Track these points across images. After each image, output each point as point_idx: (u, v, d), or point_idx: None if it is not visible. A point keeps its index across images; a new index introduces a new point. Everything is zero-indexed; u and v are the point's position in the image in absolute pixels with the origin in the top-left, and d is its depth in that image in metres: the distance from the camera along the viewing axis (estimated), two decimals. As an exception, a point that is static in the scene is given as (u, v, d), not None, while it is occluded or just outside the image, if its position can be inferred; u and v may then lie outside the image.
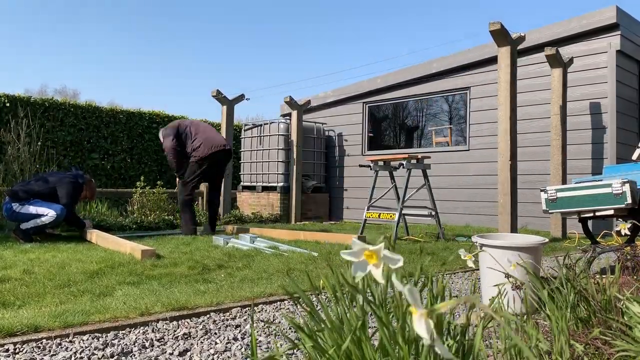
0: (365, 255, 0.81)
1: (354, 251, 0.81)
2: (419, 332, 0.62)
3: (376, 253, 0.80)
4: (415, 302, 0.64)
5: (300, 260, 3.63)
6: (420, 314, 0.63)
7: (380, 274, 0.80)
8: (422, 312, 0.63)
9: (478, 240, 2.29)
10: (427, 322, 0.63)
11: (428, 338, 0.62)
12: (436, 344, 0.63)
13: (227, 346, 1.81)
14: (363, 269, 0.81)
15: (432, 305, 0.97)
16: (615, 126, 6.07)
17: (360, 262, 0.81)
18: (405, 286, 0.65)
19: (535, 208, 6.33)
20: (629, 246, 2.97)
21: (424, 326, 0.62)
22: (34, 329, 1.87)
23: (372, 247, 0.80)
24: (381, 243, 0.81)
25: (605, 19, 6.08)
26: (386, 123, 9.08)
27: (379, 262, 0.80)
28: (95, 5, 74.98)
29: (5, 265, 3.28)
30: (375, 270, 0.80)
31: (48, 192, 4.94)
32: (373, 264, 0.80)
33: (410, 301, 0.64)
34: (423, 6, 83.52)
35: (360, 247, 0.81)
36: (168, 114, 10.26)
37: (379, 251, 0.80)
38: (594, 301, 1.49)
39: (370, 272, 0.81)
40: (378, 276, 0.80)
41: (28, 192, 4.89)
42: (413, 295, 0.64)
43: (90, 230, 5.06)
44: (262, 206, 8.56)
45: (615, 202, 3.00)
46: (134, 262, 3.47)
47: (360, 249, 0.81)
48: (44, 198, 4.90)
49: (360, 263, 0.81)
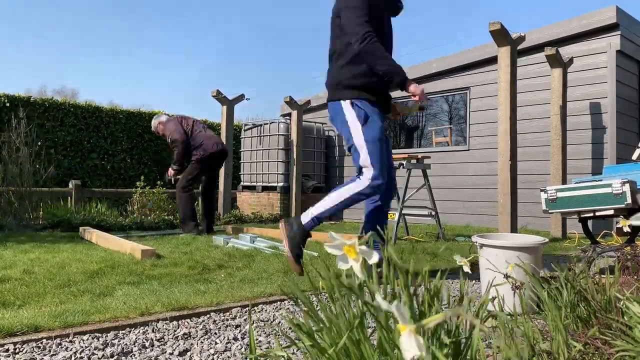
0: (345, 249, 0.85)
1: (335, 244, 0.85)
2: (409, 348, 0.62)
3: (353, 248, 0.84)
4: (402, 318, 0.64)
5: (300, 260, 3.62)
6: (409, 330, 0.63)
7: (359, 268, 0.84)
8: (411, 329, 0.63)
9: (478, 240, 2.29)
10: (417, 338, 0.63)
11: (419, 353, 0.62)
12: (428, 357, 0.62)
13: (227, 346, 1.82)
14: (345, 261, 0.85)
15: (429, 307, 0.97)
16: (615, 126, 6.07)
17: (342, 255, 0.85)
18: (393, 304, 0.65)
19: (535, 208, 6.33)
20: (629, 246, 2.97)
21: (414, 343, 0.63)
22: (34, 328, 1.87)
23: (349, 242, 0.84)
24: (354, 239, 0.85)
25: (605, 19, 6.08)
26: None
27: (358, 256, 0.84)
28: (96, 5, 74.99)
29: (5, 265, 3.28)
30: (355, 264, 0.84)
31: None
32: (353, 258, 0.84)
33: (398, 318, 0.64)
34: (423, 6, 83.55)
35: (340, 242, 0.85)
36: (168, 114, 10.27)
37: (354, 246, 0.84)
38: (594, 301, 1.50)
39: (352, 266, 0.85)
40: (357, 270, 0.84)
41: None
42: (401, 313, 0.64)
43: (91, 230, 5.07)
44: (262, 206, 8.56)
45: (615, 202, 3.00)
46: (134, 262, 3.47)
47: (339, 243, 0.85)
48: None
49: (343, 256, 0.85)
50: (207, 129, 5.67)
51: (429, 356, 0.62)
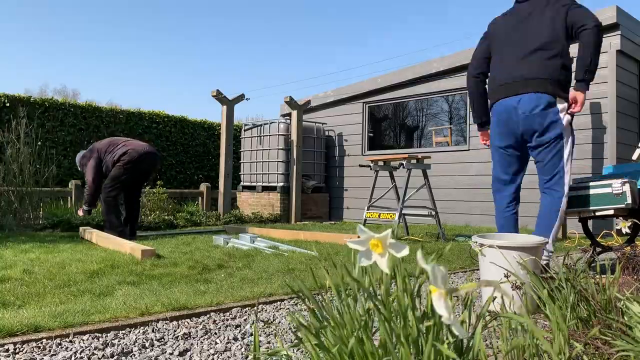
0: (371, 244, 0.81)
1: (360, 240, 0.82)
2: (438, 309, 0.62)
3: (382, 241, 0.80)
4: (435, 280, 0.64)
5: (300, 260, 3.63)
6: (440, 293, 0.64)
7: (385, 263, 0.80)
8: (442, 292, 0.64)
9: (478, 240, 2.29)
10: (447, 301, 0.63)
11: (446, 315, 0.62)
12: (453, 324, 0.63)
13: (227, 346, 1.81)
14: (368, 257, 0.82)
15: (432, 306, 0.97)
16: (615, 126, 6.07)
17: (366, 250, 0.82)
18: (429, 265, 0.65)
19: (535, 208, 6.32)
20: (629, 246, 2.97)
21: (443, 305, 0.63)
22: (34, 328, 1.87)
23: (379, 235, 0.80)
24: (388, 231, 0.81)
25: (606, 19, 6.08)
26: (386, 123, 9.08)
27: (385, 251, 0.80)
28: (96, 6, 74.98)
29: (5, 265, 3.28)
30: (380, 259, 0.81)
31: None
32: (379, 253, 0.80)
33: (431, 279, 0.64)
34: (423, 6, 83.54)
35: (367, 236, 0.82)
36: (168, 114, 10.27)
37: (384, 239, 0.80)
38: (594, 301, 1.49)
39: (375, 262, 0.82)
40: (383, 265, 0.80)
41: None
42: (435, 274, 0.64)
43: (91, 230, 5.06)
44: (262, 206, 8.56)
45: (615, 202, 3.00)
46: (134, 262, 3.47)
47: (367, 237, 0.82)
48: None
49: (366, 252, 0.82)
50: (137, 141, 5.36)
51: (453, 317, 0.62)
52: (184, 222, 6.83)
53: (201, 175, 11.06)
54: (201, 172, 11.05)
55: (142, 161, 5.13)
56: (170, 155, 10.23)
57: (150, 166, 5.31)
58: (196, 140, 10.88)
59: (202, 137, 11.06)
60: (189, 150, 10.61)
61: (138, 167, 5.12)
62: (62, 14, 73.97)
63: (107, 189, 5.06)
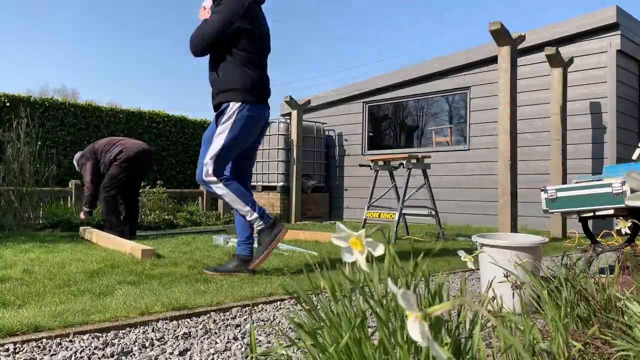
0: (351, 242, 0.85)
1: (341, 236, 0.85)
2: (413, 335, 0.62)
3: (359, 239, 0.84)
4: (408, 305, 0.64)
5: (300, 260, 3.63)
6: (415, 317, 0.63)
7: (364, 261, 0.84)
8: (417, 315, 0.63)
9: (478, 240, 2.29)
10: (422, 325, 0.63)
11: (422, 341, 0.62)
12: (431, 346, 0.62)
13: (227, 346, 1.82)
14: (350, 254, 0.85)
15: (429, 306, 0.97)
16: (615, 126, 6.07)
17: (348, 247, 0.85)
18: (399, 289, 0.65)
19: (535, 208, 6.33)
20: (629, 246, 2.97)
21: (417, 329, 0.62)
22: (34, 328, 1.87)
23: (356, 234, 0.84)
24: (361, 231, 0.85)
25: (606, 19, 6.08)
26: (386, 123, 9.08)
27: (364, 248, 0.84)
28: (96, 6, 74.98)
29: (5, 265, 3.28)
30: (360, 257, 0.84)
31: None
32: (358, 250, 0.84)
33: (403, 305, 0.64)
34: (423, 6, 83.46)
35: (346, 233, 0.85)
36: (168, 114, 10.27)
37: (361, 237, 0.84)
38: (594, 301, 1.50)
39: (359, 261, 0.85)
40: (362, 263, 0.84)
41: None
42: (407, 300, 0.64)
43: (91, 230, 5.06)
44: (262, 206, 8.56)
45: (615, 201, 3.00)
46: (134, 262, 3.47)
47: (346, 235, 0.85)
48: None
49: (348, 248, 0.85)
50: (134, 140, 5.39)
51: (433, 341, 0.62)
52: (184, 221, 6.83)
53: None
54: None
55: (139, 159, 5.15)
56: (170, 155, 10.23)
57: (147, 164, 5.33)
58: (196, 140, 10.89)
59: (202, 137, 11.05)
60: (189, 150, 10.61)
61: (134, 165, 5.14)
62: (62, 14, 73.94)
63: (106, 189, 5.06)
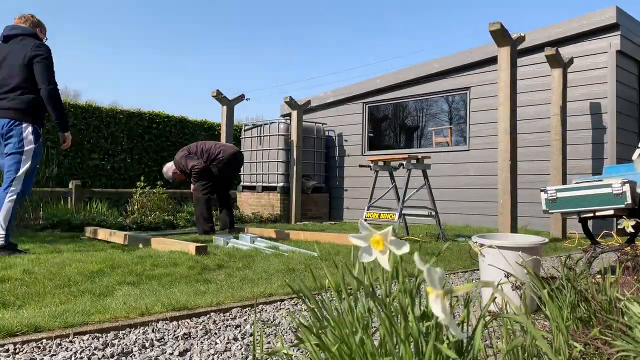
0: (372, 241, 0.81)
1: (361, 235, 0.81)
2: (434, 310, 0.63)
3: (383, 238, 0.80)
4: (432, 282, 0.64)
5: (300, 260, 3.63)
6: (436, 294, 0.64)
7: (386, 260, 0.80)
8: (439, 293, 0.64)
9: (478, 240, 2.29)
10: (443, 302, 0.63)
11: (442, 316, 0.62)
12: (450, 323, 0.63)
13: (227, 346, 1.81)
14: (369, 254, 0.81)
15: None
16: (615, 126, 6.07)
17: (367, 247, 0.81)
18: (425, 265, 0.65)
19: (535, 208, 6.33)
20: (629, 246, 2.97)
21: (439, 306, 0.63)
22: (34, 329, 1.87)
23: (380, 232, 0.80)
24: (389, 228, 0.81)
25: (606, 19, 6.08)
26: (386, 123, 9.08)
27: (385, 248, 0.80)
28: (96, 6, 75.00)
29: (5, 265, 3.28)
30: (381, 256, 0.80)
31: None
32: (379, 250, 0.80)
33: (427, 281, 0.64)
34: (423, 6, 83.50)
35: (368, 232, 0.81)
36: (168, 114, 10.26)
37: (386, 236, 0.80)
38: (594, 301, 1.49)
39: (377, 259, 0.82)
40: (384, 262, 0.80)
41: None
42: (431, 276, 0.64)
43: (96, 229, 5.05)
44: (262, 206, 8.56)
45: (615, 202, 3.00)
46: (134, 262, 3.47)
47: (368, 234, 0.81)
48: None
49: (367, 248, 0.81)
50: (219, 142, 5.99)
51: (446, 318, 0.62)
52: (184, 222, 6.83)
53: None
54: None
55: (233, 160, 5.66)
56: (171, 155, 10.21)
57: (239, 164, 5.90)
58: (196, 140, 10.88)
59: (202, 137, 11.05)
60: (189, 151, 10.61)
61: (230, 166, 5.63)
62: (62, 14, 73.98)
63: (203, 188, 5.47)
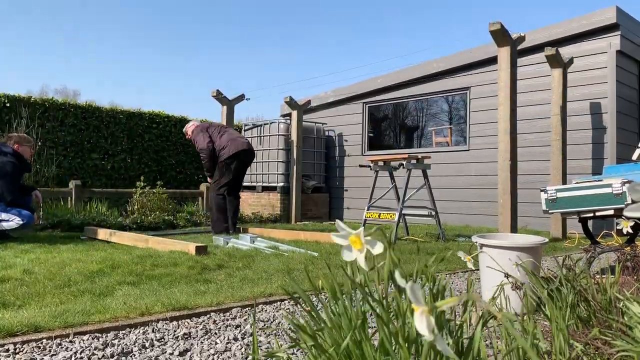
0: (351, 240, 0.85)
1: (341, 234, 0.85)
2: (420, 329, 0.62)
3: (358, 238, 0.84)
4: (416, 299, 0.64)
5: (300, 261, 3.63)
6: (422, 310, 0.64)
7: (363, 260, 0.84)
8: (424, 309, 0.64)
9: (478, 240, 2.29)
10: (428, 318, 0.63)
11: (429, 335, 0.62)
12: (437, 341, 0.63)
13: (227, 346, 1.81)
14: (350, 252, 0.85)
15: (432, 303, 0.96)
16: (616, 126, 6.07)
17: (348, 245, 0.85)
18: (407, 283, 0.65)
19: (535, 208, 6.33)
20: (629, 246, 2.97)
21: (424, 323, 0.63)
22: (34, 329, 1.87)
23: (355, 232, 0.84)
24: (360, 228, 0.85)
25: (606, 19, 6.08)
26: (386, 123, 9.08)
27: (363, 247, 0.83)
28: (96, 6, 74.97)
29: (5, 265, 3.28)
30: (359, 255, 0.84)
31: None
32: (357, 249, 0.84)
33: (411, 298, 0.64)
34: (423, 6, 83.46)
35: (346, 232, 0.85)
36: (168, 114, 10.26)
37: (359, 235, 0.84)
38: (594, 301, 1.49)
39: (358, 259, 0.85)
40: (361, 261, 0.84)
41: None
42: (414, 293, 0.64)
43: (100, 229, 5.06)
44: (262, 206, 8.56)
45: (615, 202, 3.00)
46: (134, 262, 3.47)
47: (346, 233, 0.85)
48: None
49: (348, 247, 0.85)
50: (235, 132, 5.81)
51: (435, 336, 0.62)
52: (184, 222, 6.83)
53: (201, 175, 11.05)
54: (201, 172, 11.03)
55: (241, 154, 5.57)
56: (171, 155, 10.23)
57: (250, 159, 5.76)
58: (196, 141, 10.88)
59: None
60: (189, 150, 10.59)
61: (236, 162, 5.54)
62: (62, 14, 73.92)
63: (217, 187, 5.49)
